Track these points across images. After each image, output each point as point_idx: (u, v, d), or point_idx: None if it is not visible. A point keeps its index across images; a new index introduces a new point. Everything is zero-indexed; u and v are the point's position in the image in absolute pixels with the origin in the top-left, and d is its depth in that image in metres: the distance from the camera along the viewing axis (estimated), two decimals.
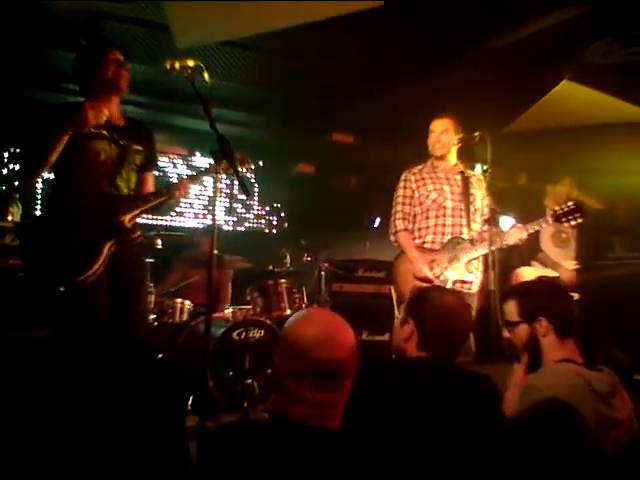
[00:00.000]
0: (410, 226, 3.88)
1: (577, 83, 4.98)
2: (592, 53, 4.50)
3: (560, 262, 4.86)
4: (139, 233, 2.94)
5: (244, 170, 3.28)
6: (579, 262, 4.91)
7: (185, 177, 3.23)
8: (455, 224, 3.77)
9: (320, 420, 1.44)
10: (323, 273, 5.20)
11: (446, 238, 3.75)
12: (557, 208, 3.62)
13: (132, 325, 3.03)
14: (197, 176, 3.28)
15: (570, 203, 3.62)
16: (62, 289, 2.77)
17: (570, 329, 2.14)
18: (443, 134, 3.86)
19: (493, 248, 3.44)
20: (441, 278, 3.66)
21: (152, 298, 4.48)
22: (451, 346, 2.13)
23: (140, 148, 3.12)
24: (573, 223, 3.63)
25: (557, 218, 3.61)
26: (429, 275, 3.64)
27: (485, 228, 3.85)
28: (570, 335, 2.13)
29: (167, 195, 3.07)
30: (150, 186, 3.25)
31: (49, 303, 3.08)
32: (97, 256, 2.79)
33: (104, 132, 2.99)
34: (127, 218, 2.92)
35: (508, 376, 2.37)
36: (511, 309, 2.23)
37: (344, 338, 1.50)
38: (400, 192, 3.96)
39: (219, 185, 2.99)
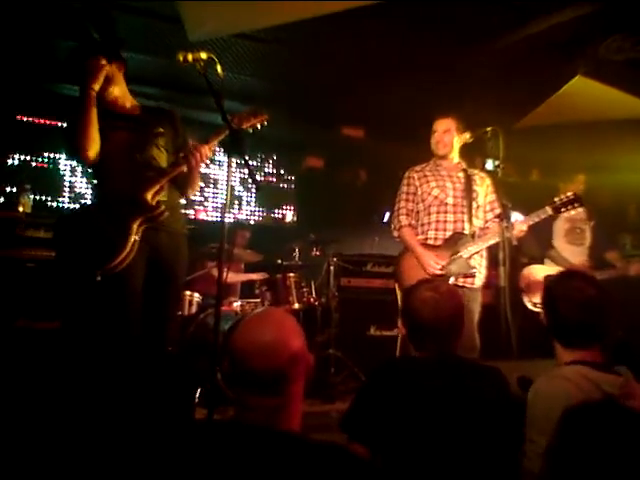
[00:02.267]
0: (413, 222, 3.87)
1: (590, 79, 4.95)
2: (605, 49, 4.47)
3: (572, 260, 4.83)
4: (163, 208, 2.89)
5: (259, 126, 3.18)
6: (591, 260, 4.87)
7: (199, 143, 3.09)
8: (457, 220, 3.76)
9: (263, 424, 1.41)
10: (332, 267, 5.21)
11: (448, 234, 3.73)
12: (556, 199, 3.61)
13: (167, 319, 3.04)
14: (211, 138, 3.09)
15: (569, 193, 3.62)
16: (99, 279, 2.74)
17: (576, 341, 1.98)
18: (446, 134, 3.84)
19: (501, 242, 3.41)
20: (443, 272, 3.65)
21: None
22: (434, 339, 2.11)
23: (161, 130, 3.10)
24: (573, 212, 3.64)
25: (556, 208, 3.60)
26: (437, 269, 3.63)
27: (489, 224, 3.85)
28: (575, 347, 1.98)
29: (184, 163, 3.01)
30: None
31: (81, 293, 3.08)
32: (127, 237, 2.78)
33: (121, 123, 3.00)
34: (149, 194, 2.89)
35: (517, 373, 2.37)
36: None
37: (278, 347, 1.45)
38: (403, 189, 3.95)
39: (231, 173, 2.94)
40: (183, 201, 3.49)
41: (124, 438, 2.52)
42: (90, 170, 3.10)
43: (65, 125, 2.98)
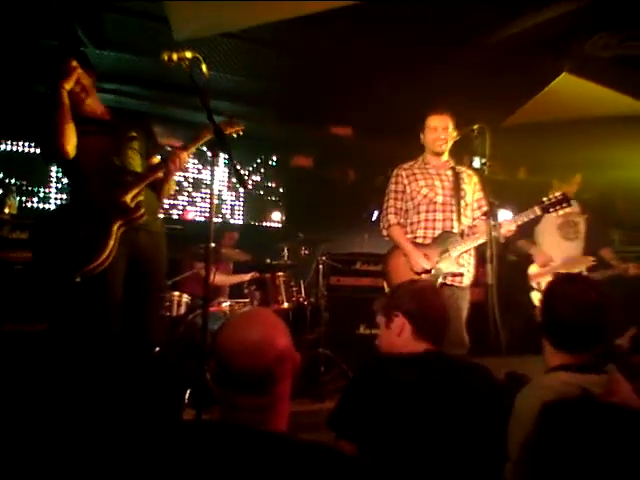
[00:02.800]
0: (402, 221, 3.87)
1: (576, 76, 4.96)
2: (592, 46, 4.47)
3: (565, 255, 4.78)
4: (142, 211, 2.95)
5: (234, 134, 3.30)
6: (586, 255, 4.84)
7: (178, 147, 3.22)
8: (446, 219, 3.76)
9: (250, 425, 1.41)
10: (321, 266, 5.19)
11: (437, 233, 3.74)
12: (544, 199, 3.61)
13: (149, 317, 3.13)
14: (190, 145, 3.22)
15: (557, 193, 3.61)
16: (78, 279, 2.79)
17: (568, 343, 1.94)
18: (445, 131, 3.80)
19: (489, 240, 3.42)
20: (432, 272, 3.65)
21: None
22: (441, 325, 2.16)
23: (134, 134, 3.17)
24: (561, 212, 3.65)
25: (545, 208, 3.59)
26: (426, 266, 3.63)
27: (476, 222, 3.85)
28: (565, 349, 1.94)
29: (163, 168, 3.10)
30: None
31: (55, 295, 3.13)
32: (107, 238, 2.83)
33: (93, 128, 3.06)
34: (128, 198, 2.95)
35: (505, 369, 2.38)
36: None
37: (264, 346, 1.43)
38: (392, 187, 3.94)
39: (216, 173, 2.98)
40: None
41: (111, 439, 2.52)
42: (66, 174, 3.20)
43: (39, 126, 3.00)
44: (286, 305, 4.94)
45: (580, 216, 4.90)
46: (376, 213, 6.53)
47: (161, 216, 5.28)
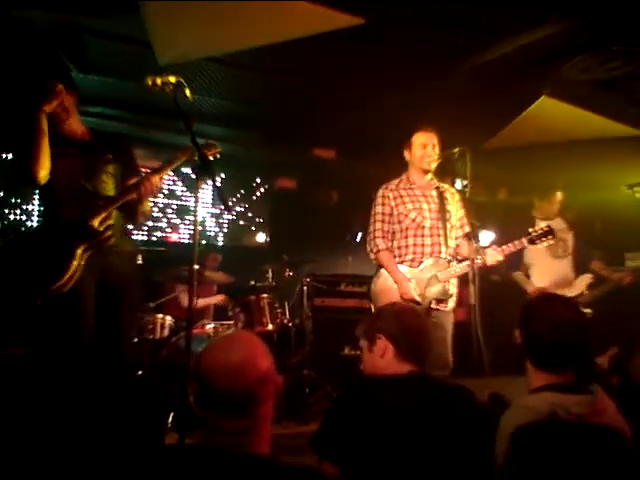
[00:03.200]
0: (390, 244, 3.82)
1: (555, 99, 5.03)
2: (570, 69, 4.53)
3: (556, 276, 4.81)
4: (110, 233, 2.93)
5: (211, 157, 3.25)
6: (576, 270, 4.87)
7: (149, 171, 3.16)
8: (434, 243, 3.74)
9: (232, 448, 1.41)
10: (305, 288, 5.20)
11: (425, 257, 3.72)
12: (531, 230, 3.67)
13: (120, 337, 3.06)
14: (162, 169, 3.18)
15: (543, 225, 3.69)
16: (39, 302, 2.76)
17: (549, 362, 1.95)
18: (434, 148, 3.80)
19: (471, 261, 3.46)
20: (421, 299, 3.64)
21: None
22: (424, 346, 2.18)
23: (110, 156, 3.14)
24: (545, 244, 3.71)
25: (531, 240, 3.66)
26: (415, 297, 3.62)
27: (459, 242, 3.87)
28: (547, 368, 1.94)
29: (134, 191, 3.06)
30: None
31: (27, 318, 3.09)
32: (70, 261, 2.79)
33: (70, 150, 3.04)
34: (96, 221, 2.92)
35: (489, 389, 2.38)
36: None
37: (246, 367, 1.45)
38: (379, 209, 3.87)
39: (200, 195, 2.97)
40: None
41: (93, 464, 2.48)
42: (39, 195, 3.23)
43: (14, 148, 2.99)
44: (270, 327, 4.93)
45: (567, 233, 4.92)
46: (360, 234, 6.57)
47: (143, 237, 5.26)
